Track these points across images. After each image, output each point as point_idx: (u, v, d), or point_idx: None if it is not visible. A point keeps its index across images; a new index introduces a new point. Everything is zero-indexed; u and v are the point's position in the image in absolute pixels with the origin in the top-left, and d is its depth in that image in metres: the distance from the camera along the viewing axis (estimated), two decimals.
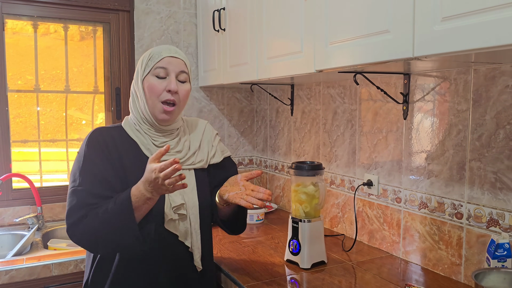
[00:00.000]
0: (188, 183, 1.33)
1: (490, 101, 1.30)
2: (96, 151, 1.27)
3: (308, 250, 1.53)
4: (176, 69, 1.32)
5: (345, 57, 1.29)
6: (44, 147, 2.29)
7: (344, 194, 1.94)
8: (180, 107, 1.34)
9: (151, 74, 1.31)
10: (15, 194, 2.17)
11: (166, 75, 1.31)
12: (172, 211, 1.29)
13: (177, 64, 1.32)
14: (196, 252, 1.34)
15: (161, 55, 1.31)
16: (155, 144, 1.34)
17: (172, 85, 1.29)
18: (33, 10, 2.17)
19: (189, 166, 1.38)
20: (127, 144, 1.32)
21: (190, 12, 2.47)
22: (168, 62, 1.30)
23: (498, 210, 1.29)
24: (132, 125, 1.36)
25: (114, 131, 1.35)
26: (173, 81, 1.30)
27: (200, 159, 1.40)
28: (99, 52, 2.38)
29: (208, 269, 1.41)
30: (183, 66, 1.33)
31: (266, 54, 1.77)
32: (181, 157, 1.35)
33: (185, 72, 1.33)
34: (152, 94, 1.30)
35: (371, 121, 1.77)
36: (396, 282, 1.41)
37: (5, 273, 1.58)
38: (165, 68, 1.30)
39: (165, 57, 1.31)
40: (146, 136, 1.34)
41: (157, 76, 1.30)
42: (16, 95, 2.21)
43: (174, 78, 1.31)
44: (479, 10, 0.89)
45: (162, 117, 1.31)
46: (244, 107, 2.68)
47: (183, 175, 1.12)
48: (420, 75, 1.54)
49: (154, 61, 1.31)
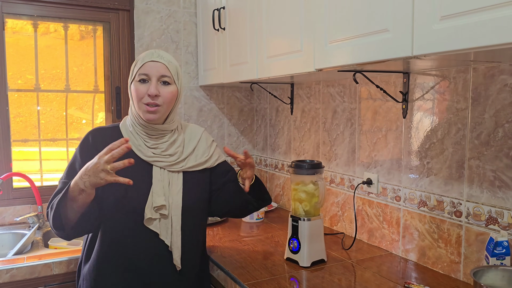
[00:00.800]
0: (175, 185, 1.41)
1: (489, 99, 1.31)
2: (84, 151, 1.38)
3: (308, 248, 1.53)
4: (157, 73, 1.38)
5: (345, 56, 1.30)
6: (45, 146, 2.30)
7: (343, 193, 1.95)
8: (164, 108, 1.40)
9: (135, 79, 1.39)
10: (16, 193, 2.18)
11: (148, 79, 1.38)
12: (152, 210, 1.35)
13: (158, 68, 1.38)
14: (176, 252, 1.38)
15: (143, 61, 1.39)
16: (146, 145, 1.41)
17: (151, 89, 1.36)
18: (33, 9, 2.17)
19: (178, 169, 1.43)
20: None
21: (190, 11, 2.47)
22: (149, 67, 1.38)
23: (497, 208, 1.30)
24: (128, 126, 1.44)
25: (110, 131, 1.44)
26: (152, 85, 1.37)
27: (191, 164, 1.46)
28: (99, 52, 2.38)
29: (190, 269, 1.44)
30: (164, 70, 1.39)
31: (266, 53, 1.77)
32: (172, 161, 1.42)
33: (166, 76, 1.39)
34: (136, 97, 1.39)
35: (370, 120, 1.77)
36: (396, 280, 1.42)
37: (6, 271, 1.58)
38: (146, 74, 1.37)
39: (146, 62, 1.38)
40: (138, 137, 1.41)
41: (140, 81, 1.38)
42: (16, 95, 2.22)
43: (154, 82, 1.37)
44: (478, 9, 0.89)
45: (147, 117, 1.38)
46: (244, 106, 2.69)
47: (132, 160, 1.20)
48: (419, 74, 1.54)
49: (137, 67, 1.39)
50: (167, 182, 1.40)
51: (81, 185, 1.20)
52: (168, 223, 1.37)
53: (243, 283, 1.40)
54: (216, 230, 2.01)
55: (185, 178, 1.44)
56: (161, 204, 1.35)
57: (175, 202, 1.39)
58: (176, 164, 1.42)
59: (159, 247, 1.38)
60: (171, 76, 1.40)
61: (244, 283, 1.39)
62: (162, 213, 1.36)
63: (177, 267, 1.39)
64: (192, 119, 2.52)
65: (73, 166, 1.37)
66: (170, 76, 1.40)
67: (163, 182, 1.39)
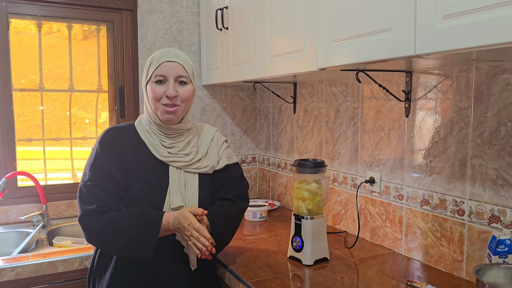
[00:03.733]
0: (190, 186, 1.41)
1: (492, 98, 1.31)
2: (105, 149, 1.35)
3: (310, 247, 1.54)
4: (174, 74, 1.36)
5: (348, 55, 1.30)
6: (48, 145, 2.31)
7: (346, 192, 1.95)
8: (183, 107, 1.39)
9: (151, 80, 1.37)
10: (20, 192, 2.19)
11: (165, 80, 1.37)
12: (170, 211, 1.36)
13: (175, 68, 1.36)
14: (191, 252, 1.39)
15: (159, 61, 1.36)
16: (163, 145, 1.40)
17: (169, 91, 1.35)
18: (37, 9, 2.18)
19: (194, 170, 1.43)
20: (136, 143, 1.40)
21: (193, 11, 2.48)
22: (166, 68, 1.36)
23: (500, 206, 1.30)
24: (144, 126, 1.43)
25: (126, 131, 1.42)
26: (170, 87, 1.35)
27: (205, 165, 1.46)
28: (102, 51, 2.39)
29: (204, 268, 1.45)
30: (181, 70, 1.37)
31: (268, 53, 1.78)
32: (188, 160, 1.41)
33: (183, 76, 1.38)
34: (153, 99, 1.37)
35: (373, 119, 1.77)
36: (398, 279, 1.42)
37: (11, 270, 1.60)
38: (163, 75, 1.36)
39: (163, 63, 1.36)
40: (155, 136, 1.41)
41: (157, 82, 1.37)
42: (20, 94, 2.23)
43: (172, 84, 1.36)
44: (481, 8, 0.90)
45: (165, 118, 1.37)
46: (247, 105, 2.69)
47: (214, 250, 1.31)
48: (422, 73, 1.55)
49: (153, 67, 1.37)
50: (183, 183, 1.40)
51: (172, 229, 1.32)
52: None
53: (246, 281, 1.40)
54: None
55: (200, 180, 1.44)
56: (179, 205, 1.36)
57: (191, 203, 1.40)
58: (192, 164, 1.42)
59: (175, 248, 1.38)
60: (188, 75, 1.39)
61: (248, 281, 1.40)
62: None
63: (192, 266, 1.40)
64: (195, 118, 2.53)
65: (97, 165, 1.33)
66: (187, 76, 1.39)
67: (180, 183, 1.39)
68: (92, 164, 1.34)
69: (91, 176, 1.32)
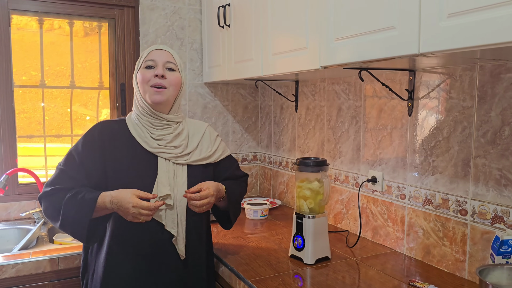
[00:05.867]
0: (180, 177, 1.44)
1: (496, 98, 1.30)
2: (87, 144, 1.41)
3: (312, 246, 1.53)
4: (163, 59, 1.44)
5: (350, 53, 1.29)
6: (49, 142, 2.31)
7: (348, 191, 1.94)
8: (170, 91, 1.44)
9: (142, 67, 1.45)
10: (21, 189, 2.19)
11: (154, 65, 1.43)
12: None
13: (164, 55, 1.45)
14: (181, 242, 1.41)
15: (149, 50, 1.46)
16: (152, 137, 1.43)
17: (158, 70, 1.41)
18: (38, 5, 2.17)
19: (183, 162, 1.46)
20: (126, 136, 1.44)
21: (195, 8, 2.47)
22: (156, 54, 1.44)
23: (503, 206, 1.29)
24: (133, 119, 1.47)
25: (116, 125, 1.47)
26: (159, 68, 1.42)
27: (195, 158, 1.48)
28: (104, 48, 2.38)
29: (195, 258, 1.47)
30: (169, 57, 1.45)
31: (271, 50, 1.77)
32: (177, 153, 1.45)
33: (172, 62, 1.45)
34: (142, 82, 1.43)
35: (375, 118, 1.77)
36: (400, 278, 1.41)
37: (11, 266, 1.59)
38: (152, 60, 1.43)
39: (153, 50, 1.45)
40: (144, 129, 1.44)
41: (147, 67, 1.43)
42: (21, 91, 2.22)
43: (161, 66, 1.43)
44: (486, 7, 0.89)
45: (154, 99, 1.41)
46: (248, 103, 2.68)
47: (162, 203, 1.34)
48: (425, 72, 1.54)
49: (144, 56, 1.45)
50: (172, 173, 1.43)
51: (108, 207, 1.32)
52: (174, 214, 1.40)
53: (247, 279, 1.40)
54: (220, 227, 2.01)
55: (189, 172, 1.46)
56: (166, 194, 1.38)
57: (180, 193, 1.41)
58: (181, 156, 1.45)
59: (164, 237, 1.40)
60: (176, 64, 1.47)
61: (249, 280, 1.40)
62: (168, 203, 1.38)
63: (181, 256, 1.42)
64: (197, 116, 2.52)
65: (72, 155, 1.41)
66: (175, 63, 1.46)
67: (168, 173, 1.42)
68: (71, 151, 1.43)
69: (65, 162, 1.41)
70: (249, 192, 2.71)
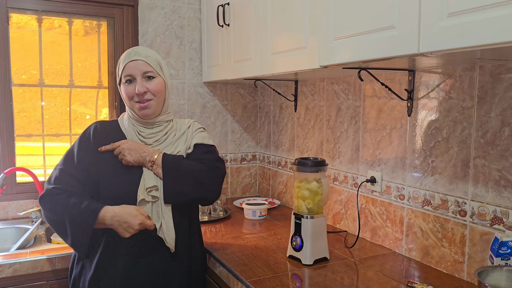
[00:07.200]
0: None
1: (496, 98, 1.30)
2: (82, 144, 1.47)
3: (310, 246, 1.52)
4: (140, 71, 1.44)
5: (350, 53, 1.29)
6: (48, 141, 2.30)
7: (347, 191, 1.94)
8: (156, 100, 1.47)
9: (122, 81, 1.47)
10: (19, 188, 2.18)
11: (133, 79, 1.45)
12: (145, 192, 1.41)
13: (139, 66, 1.44)
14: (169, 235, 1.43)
15: (124, 62, 1.45)
16: (141, 135, 1.50)
17: (138, 88, 1.43)
18: (37, 4, 2.17)
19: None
20: (118, 135, 1.50)
21: (195, 7, 2.46)
22: (131, 68, 1.44)
23: (502, 208, 1.29)
24: (125, 120, 1.54)
25: (110, 125, 1.54)
26: (138, 84, 1.43)
27: (178, 150, 1.51)
28: (103, 47, 2.38)
29: (183, 251, 1.48)
30: (145, 66, 1.44)
31: (270, 50, 1.76)
32: (162, 147, 1.49)
33: (149, 70, 1.45)
34: (126, 98, 1.47)
35: (375, 118, 1.76)
36: (399, 279, 1.41)
37: (8, 266, 1.59)
38: (129, 75, 1.44)
39: (127, 63, 1.44)
40: (134, 128, 1.51)
41: (127, 82, 1.46)
42: (20, 90, 2.22)
43: (140, 81, 1.44)
44: (486, 6, 0.88)
45: (142, 113, 1.47)
46: (247, 102, 2.68)
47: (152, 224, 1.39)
48: (425, 72, 1.53)
49: (120, 69, 1.46)
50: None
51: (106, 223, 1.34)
52: (159, 206, 1.42)
53: (245, 280, 1.39)
54: (218, 227, 2.01)
55: None
56: (153, 185, 1.41)
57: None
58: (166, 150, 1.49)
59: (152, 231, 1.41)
60: (153, 70, 1.46)
61: (247, 280, 1.39)
62: (154, 195, 1.41)
63: (171, 249, 1.43)
64: (196, 115, 2.52)
65: (70, 155, 1.45)
66: (152, 70, 1.46)
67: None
68: (68, 152, 1.47)
69: (63, 162, 1.45)
70: (248, 192, 2.71)
